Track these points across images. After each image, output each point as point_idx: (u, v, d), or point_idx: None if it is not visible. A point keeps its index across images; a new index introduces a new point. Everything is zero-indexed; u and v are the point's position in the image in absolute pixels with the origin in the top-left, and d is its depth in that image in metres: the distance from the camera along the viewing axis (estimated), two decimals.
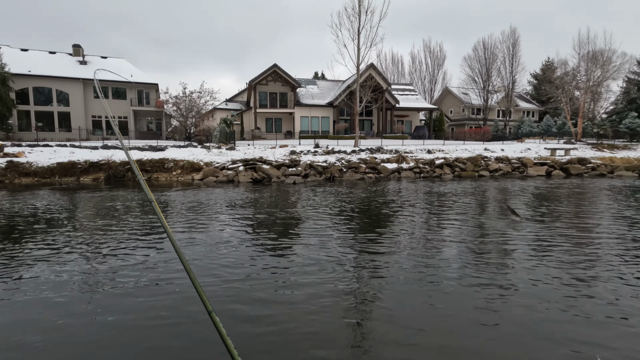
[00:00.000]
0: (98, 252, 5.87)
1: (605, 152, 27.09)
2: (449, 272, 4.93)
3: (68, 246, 6.20)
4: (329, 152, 22.88)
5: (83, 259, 5.54)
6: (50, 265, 5.22)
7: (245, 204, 10.84)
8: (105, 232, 7.18)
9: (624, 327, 3.47)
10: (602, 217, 8.84)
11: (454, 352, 3.11)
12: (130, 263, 5.33)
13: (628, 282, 4.56)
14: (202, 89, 34.53)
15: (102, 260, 5.46)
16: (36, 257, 5.57)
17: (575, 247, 6.17)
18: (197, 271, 4.98)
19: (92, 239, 6.74)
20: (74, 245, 6.29)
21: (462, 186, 15.26)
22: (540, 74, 54.56)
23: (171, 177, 18.33)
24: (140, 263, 5.33)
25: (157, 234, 7.09)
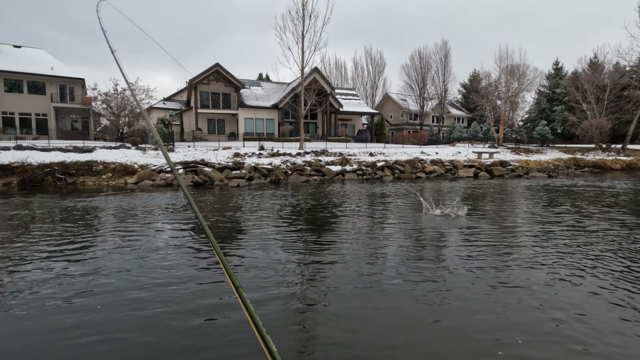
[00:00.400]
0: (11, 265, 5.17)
1: (522, 155, 30.47)
2: (388, 271, 5.16)
3: None
4: (274, 154, 22.71)
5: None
6: None
7: (184, 208, 10.32)
8: (16, 244, 6.35)
9: (538, 312, 3.93)
10: (521, 212, 9.93)
11: (396, 347, 3.26)
12: (43, 277, 4.78)
13: (541, 270, 5.17)
14: (137, 86, 32.19)
15: (16, 274, 4.82)
16: None
17: (499, 240, 6.84)
18: (128, 284, 4.63)
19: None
20: None
21: (401, 187, 16.11)
22: (468, 84, 59.82)
23: (100, 181, 16.78)
24: (54, 277, 4.80)
25: (76, 245, 6.44)
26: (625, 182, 18.72)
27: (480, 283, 4.67)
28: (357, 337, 3.39)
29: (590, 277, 4.88)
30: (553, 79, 52.17)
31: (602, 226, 8.00)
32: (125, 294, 4.29)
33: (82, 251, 6.04)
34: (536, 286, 4.56)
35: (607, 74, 39.26)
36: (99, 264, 5.33)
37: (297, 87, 32.04)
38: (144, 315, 3.76)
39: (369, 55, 56.61)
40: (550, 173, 24.08)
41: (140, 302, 4.05)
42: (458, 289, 4.48)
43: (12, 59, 29.59)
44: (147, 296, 4.22)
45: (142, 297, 4.20)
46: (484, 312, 3.88)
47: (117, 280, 4.70)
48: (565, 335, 3.40)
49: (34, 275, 4.86)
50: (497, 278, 4.83)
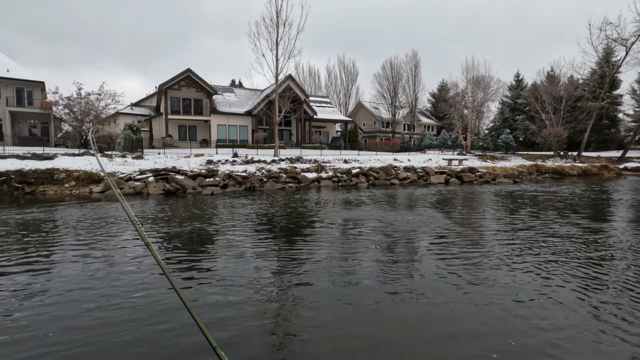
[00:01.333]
0: None
1: (489, 162, 31.84)
2: (363, 276, 5.17)
3: None
4: (249, 161, 22.39)
5: None
6: None
7: (155, 217, 9.90)
8: None
9: (498, 309, 4.06)
10: (492, 216, 10.32)
11: (368, 349, 3.25)
12: None
13: (512, 269, 5.36)
14: (102, 91, 30.79)
15: None
16: None
17: (469, 242, 7.05)
18: (91, 297, 4.35)
19: None
20: None
21: (377, 194, 16.33)
22: (437, 93, 62.12)
23: (63, 190, 15.82)
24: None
25: (27, 260, 6.00)
26: (581, 187, 19.99)
27: (451, 286, 4.77)
28: (334, 343, 3.35)
29: (548, 274, 5.12)
30: (515, 90, 55.20)
31: (565, 228, 8.46)
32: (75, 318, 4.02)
33: (32, 267, 5.62)
34: (502, 286, 4.72)
35: (563, 86, 42.04)
36: (48, 283, 4.97)
37: (271, 94, 31.93)
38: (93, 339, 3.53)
39: (342, 64, 57.56)
40: (515, 179, 25.29)
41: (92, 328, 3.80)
42: (430, 291, 4.56)
43: None
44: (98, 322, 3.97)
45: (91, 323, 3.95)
46: (465, 317, 3.95)
47: (68, 302, 4.40)
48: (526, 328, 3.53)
49: None
50: (467, 279, 4.96)
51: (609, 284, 4.90)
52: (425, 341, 3.50)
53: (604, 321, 3.81)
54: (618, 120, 50.45)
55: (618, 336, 3.49)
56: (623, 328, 3.65)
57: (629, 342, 3.38)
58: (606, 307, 4.16)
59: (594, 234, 7.97)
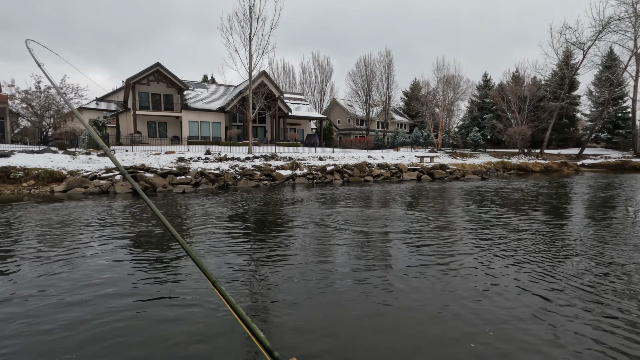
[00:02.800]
0: None
1: (458, 159, 32.93)
2: (338, 273, 5.21)
3: None
4: (222, 159, 21.97)
5: None
6: None
7: (122, 217, 9.51)
8: None
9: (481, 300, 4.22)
10: (460, 211, 10.68)
11: (348, 347, 3.28)
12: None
13: (480, 260, 5.58)
14: (64, 84, 29.19)
15: None
16: None
17: (442, 236, 7.26)
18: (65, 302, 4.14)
19: None
20: None
21: (351, 191, 16.49)
22: (410, 92, 63.38)
23: (20, 190, 14.88)
24: None
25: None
26: (543, 183, 21.08)
27: (422, 278, 4.90)
28: (314, 341, 3.36)
29: (505, 263, 5.38)
30: (483, 90, 57.29)
31: (527, 223, 8.89)
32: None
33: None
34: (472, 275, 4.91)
35: (527, 87, 44.10)
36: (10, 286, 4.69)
37: (245, 90, 31.45)
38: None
39: (317, 61, 57.65)
40: (483, 175, 26.31)
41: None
42: (404, 285, 4.66)
43: None
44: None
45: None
46: (430, 303, 4.07)
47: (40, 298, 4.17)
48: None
49: None
50: (436, 270, 5.12)
51: (565, 275, 5.19)
52: (405, 338, 3.57)
53: (557, 312, 4.03)
54: (576, 119, 53.55)
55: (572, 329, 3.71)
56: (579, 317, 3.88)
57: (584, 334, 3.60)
58: (560, 296, 4.41)
59: (555, 228, 8.42)
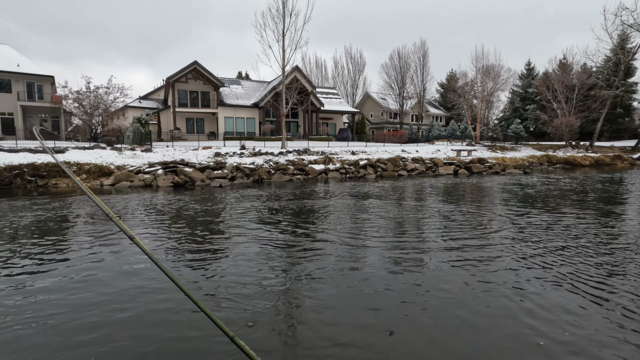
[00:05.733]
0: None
1: (498, 153, 31.43)
2: (372, 268, 5.16)
3: None
4: (256, 153, 22.43)
5: None
6: None
7: (169, 209, 10.00)
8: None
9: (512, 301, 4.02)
10: (501, 207, 10.20)
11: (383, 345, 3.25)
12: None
13: (521, 261, 5.31)
14: (111, 84, 31.02)
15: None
16: None
17: (478, 233, 6.98)
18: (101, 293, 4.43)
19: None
20: None
21: (385, 185, 16.26)
22: (446, 83, 61.19)
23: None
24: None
25: (57, 259, 6.12)
26: (594, 178, 19.63)
27: (459, 280, 4.74)
28: (346, 335, 3.36)
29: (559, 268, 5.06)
30: (525, 79, 54.10)
31: (576, 220, 8.33)
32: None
33: (52, 256, 5.74)
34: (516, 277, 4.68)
35: (576, 75, 41.06)
36: (65, 272, 5.07)
37: (278, 86, 31.81)
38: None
39: (349, 55, 57.01)
40: (526, 169, 24.94)
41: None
42: (441, 283, 4.54)
43: None
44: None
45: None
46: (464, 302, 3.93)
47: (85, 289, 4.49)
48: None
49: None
50: (476, 272, 4.92)
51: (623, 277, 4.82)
52: (442, 337, 3.50)
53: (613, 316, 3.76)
54: (632, 108, 49.21)
55: None
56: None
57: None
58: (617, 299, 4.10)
59: (609, 227, 7.83)
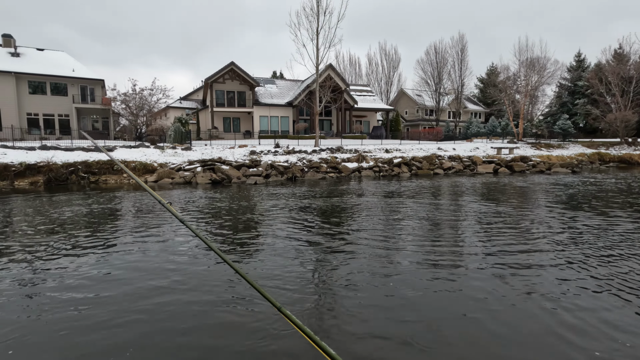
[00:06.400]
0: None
1: (543, 150, 29.63)
2: (405, 274, 5.06)
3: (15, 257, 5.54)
4: (290, 152, 22.74)
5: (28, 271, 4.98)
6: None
7: (208, 205, 10.42)
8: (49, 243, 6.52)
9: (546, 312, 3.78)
10: (545, 209, 9.63)
11: (416, 343, 3.19)
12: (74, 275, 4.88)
13: (570, 265, 4.98)
14: (154, 86, 32.68)
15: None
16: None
17: (518, 237, 6.63)
18: (145, 280, 4.69)
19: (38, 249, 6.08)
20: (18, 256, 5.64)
21: (420, 184, 15.88)
22: (486, 78, 58.49)
23: (121, 180, 17.16)
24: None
25: (105, 247, 6.57)
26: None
27: (498, 284, 4.53)
28: (377, 329, 3.33)
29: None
30: (575, 72, 50.47)
31: (632, 226, 7.68)
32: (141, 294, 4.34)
33: (105, 246, 6.17)
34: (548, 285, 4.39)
35: (633, 65, 37.71)
36: (115, 261, 5.42)
37: (311, 84, 31.98)
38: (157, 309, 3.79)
39: (384, 51, 55.99)
40: (574, 168, 23.34)
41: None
42: (475, 288, 4.36)
43: (36, 62, 30.51)
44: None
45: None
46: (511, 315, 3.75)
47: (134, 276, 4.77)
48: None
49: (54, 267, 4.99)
50: (514, 278, 4.68)
51: None
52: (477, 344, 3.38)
53: None
54: None
55: None
56: None
57: None
58: None
59: None
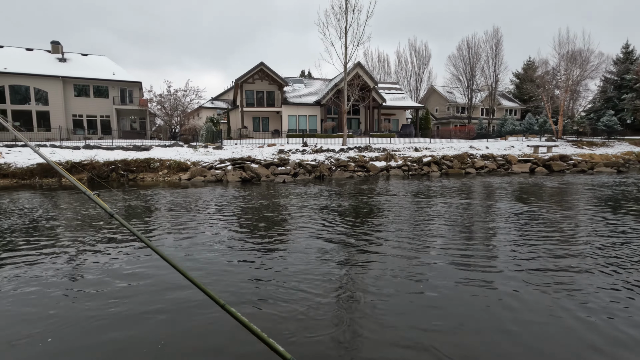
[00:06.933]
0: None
1: (585, 149, 27.93)
2: (436, 279, 4.96)
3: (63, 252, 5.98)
4: (318, 150, 22.84)
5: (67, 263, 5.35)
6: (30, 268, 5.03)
7: (237, 203, 10.70)
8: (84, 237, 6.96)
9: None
10: (587, 212, 9.10)
11: (443, 347, 3.12)
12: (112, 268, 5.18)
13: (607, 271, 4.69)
14: (187, 87, 33.88)
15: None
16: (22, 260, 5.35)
17: (561, 238, 6.31)
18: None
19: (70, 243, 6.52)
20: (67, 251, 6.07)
21: (451, 183, 15.47)
22: (522, 73, 55.87)
23: (157, 177, 17.95)
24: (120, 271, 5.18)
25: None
26: None
27: (531, 291, 4.33)
28: (403, 333, 3.30)
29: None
30: (622, 64, 47.05)
31: None
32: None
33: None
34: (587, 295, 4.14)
35: None
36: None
37: (339, 83, 31.92)
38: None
39: (413, 48, 54.83)
40: (620, 168, 21.85)
41: None
42: (509, 294, 4.20)
43: (80, 67, 32.52)
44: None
45: None
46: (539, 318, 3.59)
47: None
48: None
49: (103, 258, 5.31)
50: (550, 284, 4.46)
51: None
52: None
53: None
54: None
55: None
56: None
57: None
58: None
59: None
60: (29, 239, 6.66)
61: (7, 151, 18.81)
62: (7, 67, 28.93)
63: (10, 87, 29.02)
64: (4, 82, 28.71)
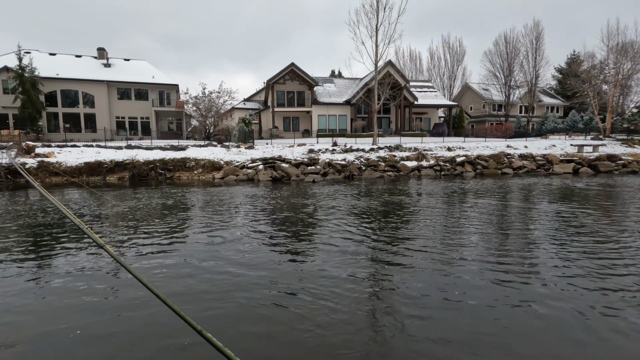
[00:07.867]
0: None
1: (637, 148, 25.91)
2: (468, 286, 4.80)
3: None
4: (348, 150, 22.78)
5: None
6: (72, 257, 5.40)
7: (268, 202, 10.92)
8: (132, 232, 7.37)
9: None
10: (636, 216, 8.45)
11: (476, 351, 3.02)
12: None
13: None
14: (221, 89, 34.98)
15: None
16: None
17: (601, 246, 5.90)
18: (216, 270, 5.04)
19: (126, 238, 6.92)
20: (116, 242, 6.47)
21: (486, 184, 14.90)
22: (566, 67, 52.69)
23: (192, 176, 18.66)
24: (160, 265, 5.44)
25: (177, 234, 7.22)
26: None
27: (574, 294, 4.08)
28: (435, 333, 3.22)
29: None
30: None
31: None
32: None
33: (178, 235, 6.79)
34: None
35: None
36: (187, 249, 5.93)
37: (370, 82, 31.65)
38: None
39: (447, 44, 53.26)
40: None
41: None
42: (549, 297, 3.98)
43: (123, 71, 34.48)
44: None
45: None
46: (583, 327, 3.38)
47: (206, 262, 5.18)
48: None
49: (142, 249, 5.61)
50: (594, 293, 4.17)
51: None
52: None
53: None
54: None
55: None
56: None
57: None
58: None
59: None
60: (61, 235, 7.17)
61: (58, 151, 20.31)
62: (59, 73, 31.23)
63: (61, 91, 31.31)
64: (56, 87, 31.01)
